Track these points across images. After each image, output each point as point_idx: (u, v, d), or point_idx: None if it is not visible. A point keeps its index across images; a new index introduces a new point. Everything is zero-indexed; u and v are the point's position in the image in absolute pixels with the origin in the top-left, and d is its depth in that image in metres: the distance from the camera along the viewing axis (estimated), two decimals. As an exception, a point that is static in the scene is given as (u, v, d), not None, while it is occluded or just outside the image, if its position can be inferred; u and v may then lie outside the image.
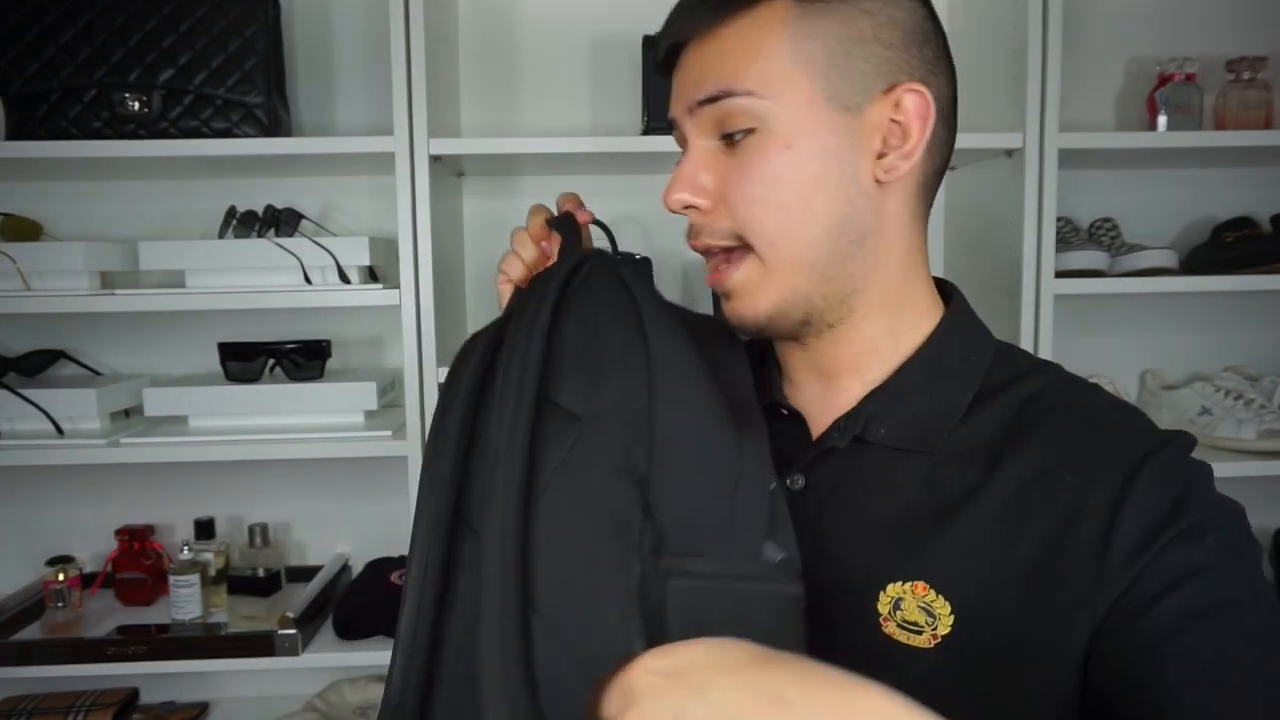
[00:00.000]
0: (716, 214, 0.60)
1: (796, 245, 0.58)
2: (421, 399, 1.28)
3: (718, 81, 0.58)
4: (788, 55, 0.57)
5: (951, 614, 0.56)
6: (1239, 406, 1.44)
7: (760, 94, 0.57)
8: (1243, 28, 1.55)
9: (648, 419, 0.53)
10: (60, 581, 1.37)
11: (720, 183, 0.60)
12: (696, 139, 0.61)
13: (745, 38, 0.58)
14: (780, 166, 0.57)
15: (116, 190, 1.50)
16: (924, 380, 0.62)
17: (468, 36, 1.51)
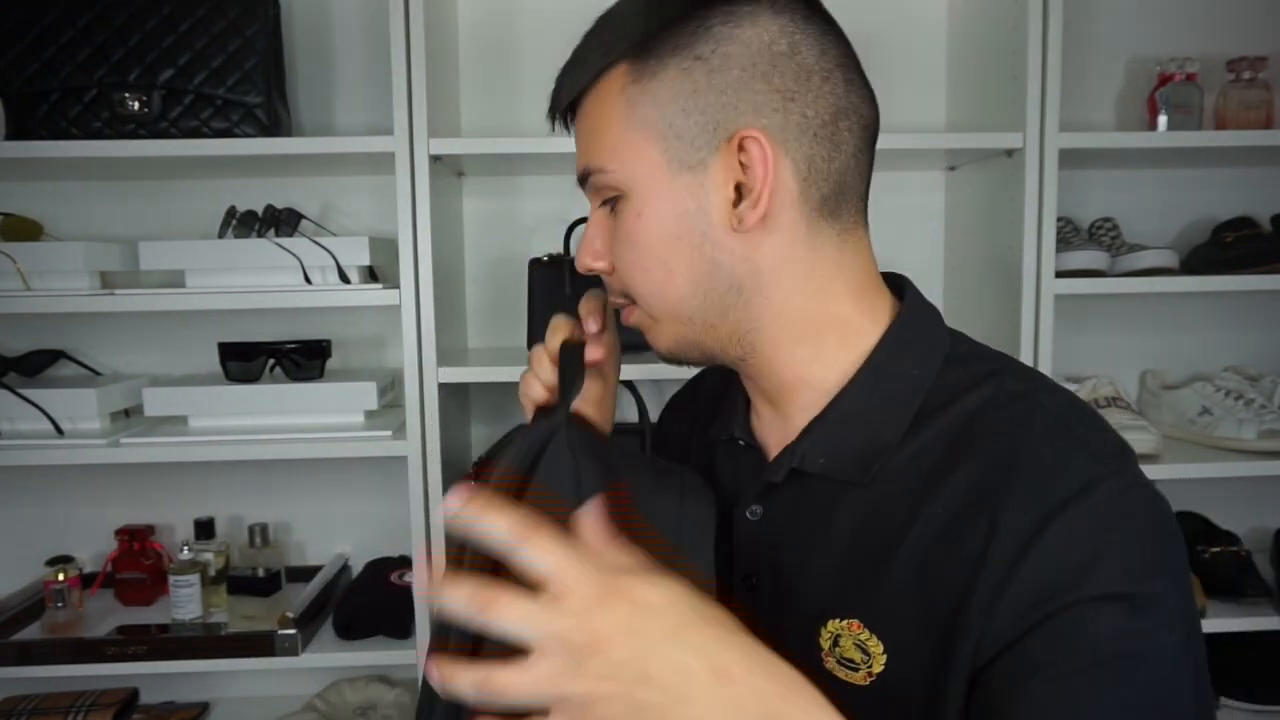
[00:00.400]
0: (614, 275, 0.63)
1: (668, 302, 0.60)
2: (421, 399, 1.28)
3: (583, 160, 0.61)
4: (627, 124, 0.58)
5: (884, 653, 0.56)
6: (1239, 406, 1.44)
7: (609, 168, 0.59)
8: (1243, 28, 1.55)
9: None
10: (60, 581, 1.37)
11: (609, 248, 0.63)
12: (592, 207, 0.63)
13: (596, 111, 0.60)
14: (636, 233, 0.59)
15: (116, 190, 1.50)
16: (863, 405, 0.60)
17: (468, 36, 1.51)
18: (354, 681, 1.50)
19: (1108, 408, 1.44)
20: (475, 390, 1.56)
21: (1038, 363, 1.30)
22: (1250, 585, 1.42)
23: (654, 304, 0.61)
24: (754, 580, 0.64)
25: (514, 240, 1.54)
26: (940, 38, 1.55)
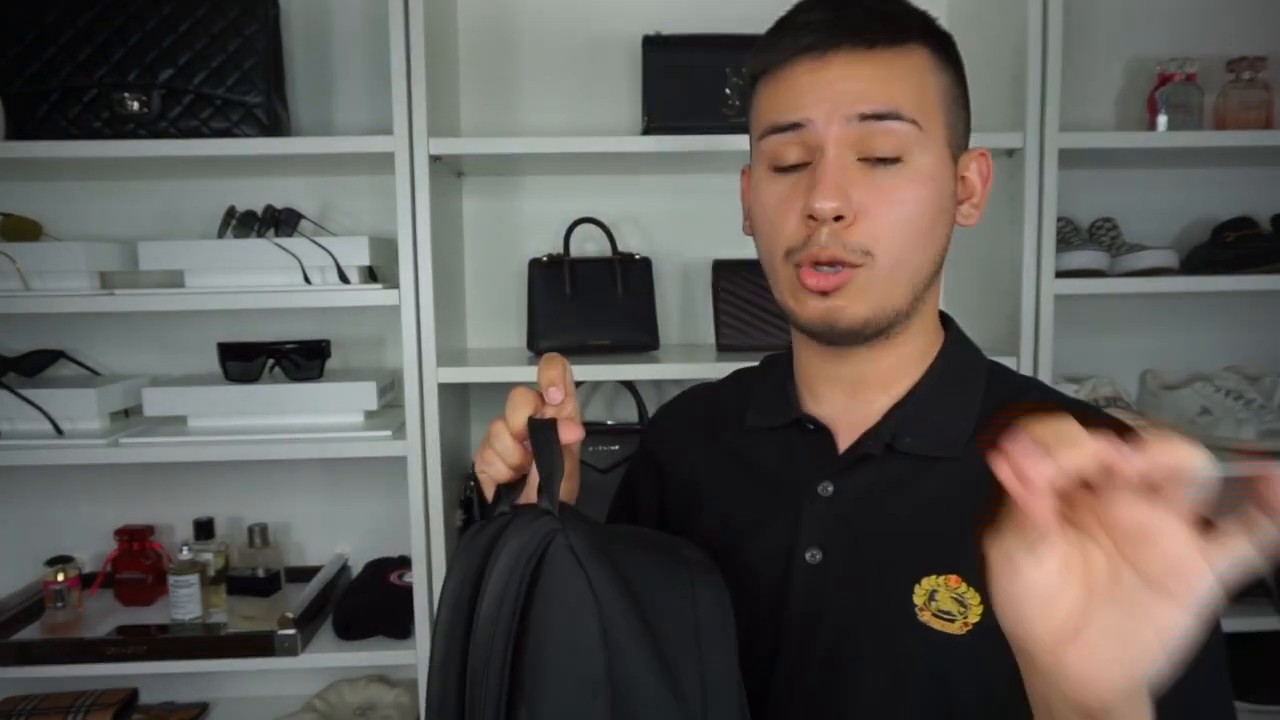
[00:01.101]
0: (854, 228, 0.63)
1: (910, 266, 0.65)
2: (421, 399, 1.28)
3: (887, 101, 0.62)
4: (935, 96, 0.64)
5: (981, 603, 0.62)
6: (1239, 406, 1.44)
7: (921, 125, 0.63)
8: (1243, 28, 1.55)
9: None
10: (60, 581, 1.37)
11: (858, 197, 0.63)
12: (840, 151, 0.63)
13: (906, 68, 0.63)
14: (922, 198, 0.64)
15: (116, 190, 1.50)
16: (938, 396, 0.69)
17: (468, 36, 1.51)
18: (354, 681, 1.50)
19: (1107, 408, 1.44)
20: (475, 390, 1.56)
21: (1038, 363, 1.31)
22: (1250, 585, 1.42)
23: (898, 267, 0.64)
24: (819, 554, 0.68)
25: (514, 240, 1.54)
26: (940, 38, 1.55)
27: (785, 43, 0.65)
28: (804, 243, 0.64)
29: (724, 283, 1.43)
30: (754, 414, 0.77)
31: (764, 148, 0.67)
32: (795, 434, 0.73)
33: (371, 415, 1.37)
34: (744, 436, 0.77)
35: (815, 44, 0.63)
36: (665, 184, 1.54)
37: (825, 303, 0.65)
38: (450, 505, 1.35)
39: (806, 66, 0.64)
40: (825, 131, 0.63)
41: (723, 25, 1.46)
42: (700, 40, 1.38)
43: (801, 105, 0.63)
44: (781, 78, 0.65)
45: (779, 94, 0.65)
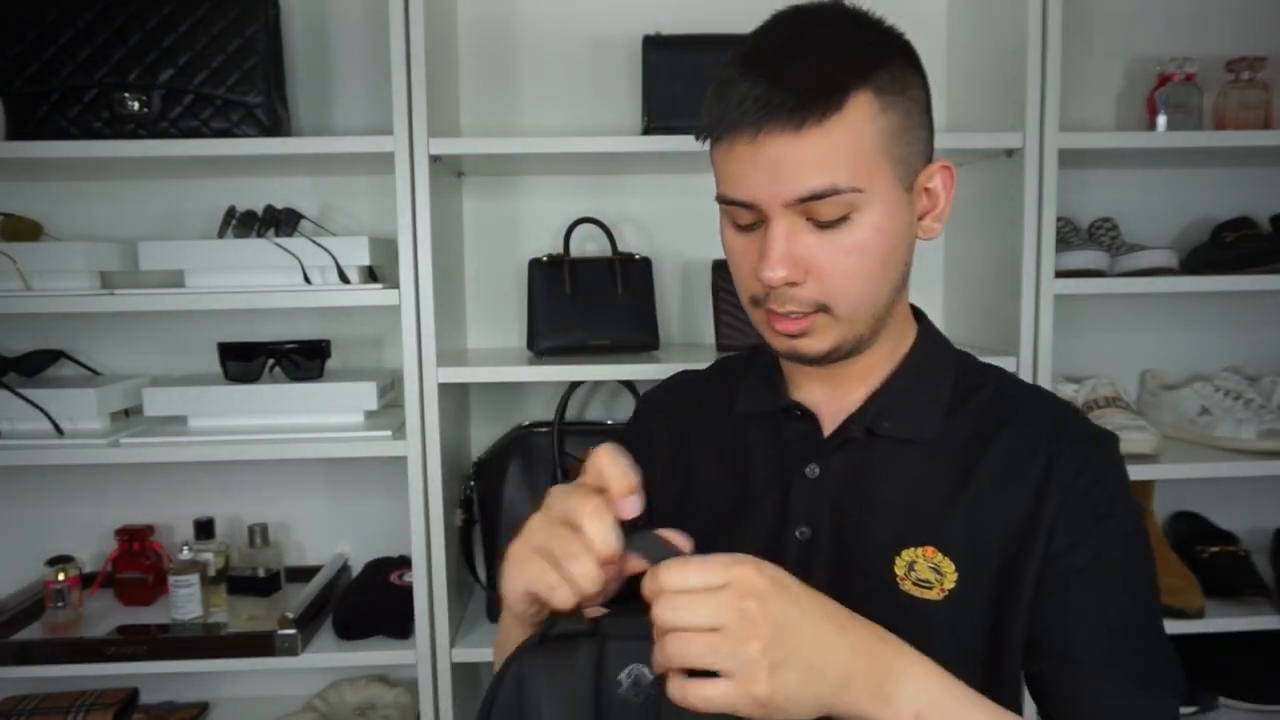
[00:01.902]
0: (805, 287, 0.68)
1: (868, 305, 0.70)
2: (421, 399, 1.28)
3: (824, 179, 0.65)
4: (874, 148, 0.66)
5: (955, 571, 0.71)
6: (1239, 406, 1.44)
7: (860, 187, 0.65)
8: (1243, 28, 1.55)
9: None
10: (60, 581, 1.37)
11: (807, 258, 0.67)
12: (784, 219, 0.67)
13: (843, 135, 0.64)
14: (870, 246, 0.67)
15: (116, 190, 1.50)
16: (913, 384, 0.77)
17: (468, 36, 1.51)
18: (354, 681, 1.50)
19: (1107, 408, 1.44)
20: (475, 390, 1.56)
21: (1037, 363, 1.30)
22: (1249, 585, 1.42)
23: (858, 308, 0.70)
24: (808, 531, 0.75)
25: (514, 240, 1.54)
26: (940, 38, 1.55)
27: (728, 116, 0.66)
28: (763, 296, 0.70)
29: (724, 283, 1.43)
30: (744, 401, 0.83)
31: (722, 207, 0.71)
32: (783, 420, 0.79)
33: (371, 415, 1.37)
34: (734, 422, 0.83)
35: (749, 123, 0.65)
36: (665, 184, 1.54)
37: (792, 342, 0.71)
38: (450, 505, 1.35)
39: (743, 145, 0.66)
40: (772, 209, 0.66)
41: (723, 25, 1.46)
42: (700, 40, 1.38)
43: (745, 185, 0.67)
44: (726, 151, 0.68)
45: (727, 165, 0.68)
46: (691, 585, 0.53)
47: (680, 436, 0.86)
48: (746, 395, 0.83)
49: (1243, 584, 1.42)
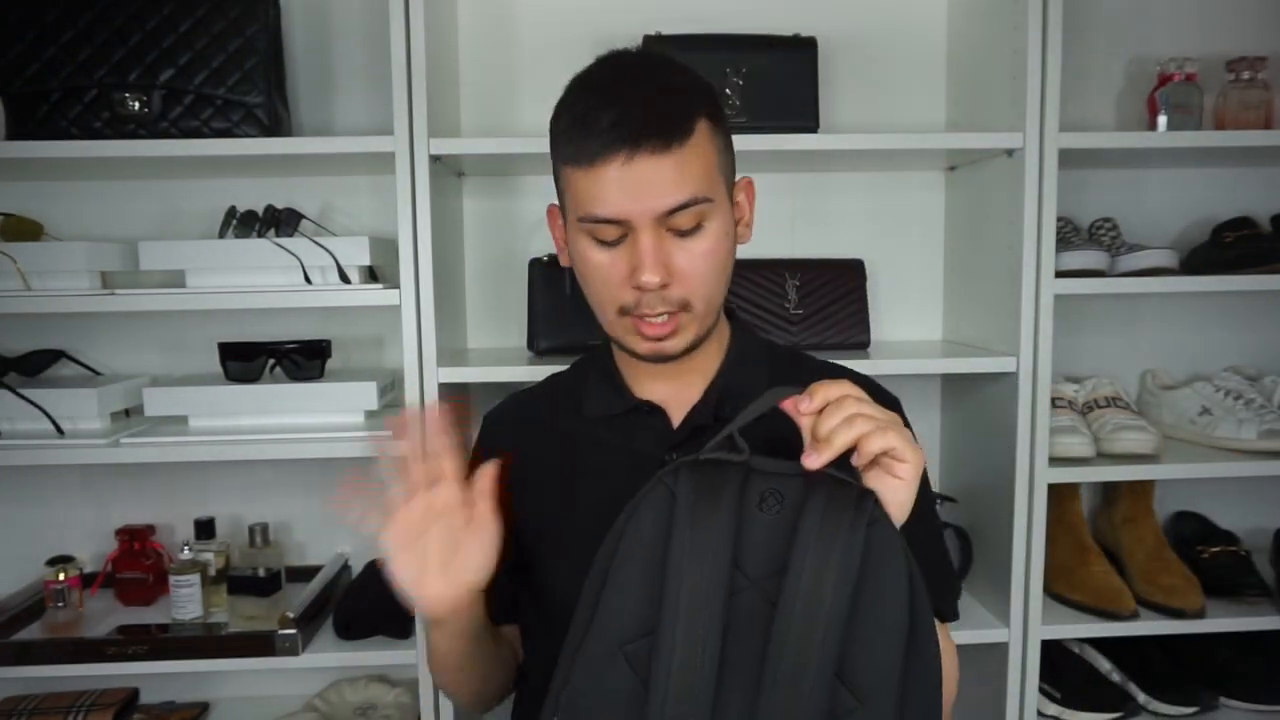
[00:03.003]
0: (672, 289, 0.79)
1: (717, 300, 0.83)
2: (422, 399, 1.28)
3: (685, 193, 0.77)
4: (715, 165, 0.80)
5: None
6: (1239, 406, 1.44)
7: (710, 198, 0.79)
8: (1243, 28, 1.55)
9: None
10: (60, 581, 1.37)
11: (672, 263, 0.78)
12: (652, 231, 0.77)
13: (696, 154, 0.77)
14: (718, 249, 0.80)
15: (116, 190, 1.50)
16: (741, 371, 0.89)
17: (468, 37, 1.51)
18: (354, 681, 1.50)
19: (1107, 408, 1.44)
20: (475, 390, 1.56)
21: (1037, 363, 1.30)
22: (1250, 585, 1.42)
23: (710, 304, 0.82)
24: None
25: (514, 240, 1.55)
26: (940, 38, 1.55)
27: (593, 144, 0.75)
28: (635, 304, 0.80)
29: (724, 283, 1.43)
30: (591, 405, 0.91)
31: (584, 228, 0.80)
32: (633, 417, 0.89)
33: (371, 415, 1.37)
34: (584, 426, 0.91)
35: (621, 146, 0.75)
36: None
37: (658, 344, 0.81)
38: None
39: (615, 169, 0.75)
40: (640, 222, 0.77)
41: (723, 25, 1.46)
42: (700, 40, 1.38)
43: (617, 203, 0.76)
44: (594, 176, 0.77)
45: (595, 188, 0.77)
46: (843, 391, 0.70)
47: (529, 456, 0.91)
48: (592, 399, 0.91)
49: (1243, 584, 1.42)
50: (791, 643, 0.62)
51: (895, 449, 0.67)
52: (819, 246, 1.56)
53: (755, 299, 1.44)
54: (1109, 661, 1.50)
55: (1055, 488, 1.36)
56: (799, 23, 1.44)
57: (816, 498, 0.65)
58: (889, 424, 0.68)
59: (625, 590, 0.67)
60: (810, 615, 0.62)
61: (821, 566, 0.62)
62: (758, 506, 0.67)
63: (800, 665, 0.61)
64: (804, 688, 0.61)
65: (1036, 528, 1.32)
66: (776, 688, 0.62)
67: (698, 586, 0.63)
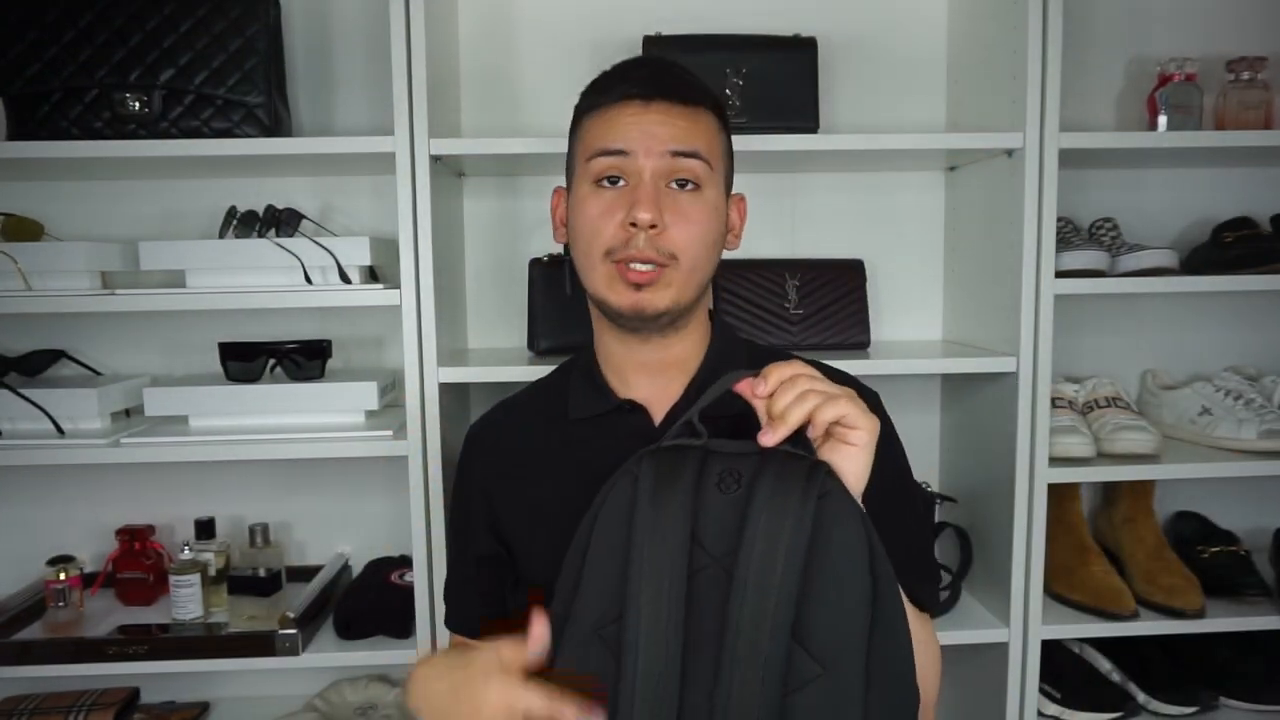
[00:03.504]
0: (664, 236, 0.83)
1: (701, 271, 0.86)
2: (422, 399, 1.28)
3: (697, 144, 0.84)
4: (719, 149, 0.88)
5: None
6: (1239, 406, 1.44)
7: (711, 165, 0.85)
8: (1243, 28, 1.55)
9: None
10: (61, 581, 1.37)
11: (670, 207, 0.83)
12: (654, 177, 0.83)
13: (705, 127, 0.86)
14: (709, 218, 0.85)
15: (116, 190, 1.50)
16: (721, 369, 0.86)
17: (468, 37, 1.51)
18: (354, 681, 1.50)
19: (1108, 408, 1.44)
20: (475, 390, 1.56)
21: (1037, 363, 1.30)
22: (1250, 585, 1.42)
23: (694, 268, 0.85)
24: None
25: (514, 240, 1.55)
26: (940, 38, 1.55)
27: (617, 89, 0.85)
28: (624, 244, 0.83)
29: (723, 282, 1.43)
30: (576, 408, 0.94)
31: (591, 166, 0.85)
32: (616, 417, 0.91)
33: (372, 415, 1.37)
34: (570, 428, 0.93)
35: (641, 94, 0.84)
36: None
37: (637, 294, 0.83)
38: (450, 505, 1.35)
39: (632, 110, 0.84)
40: (644, 161, 0.83)
41: (723, 25, 1.46)
42: (700, 40, 1.38)
43: (628, 137, 0.83)
44: (611, 116, 0.85)
45: (609, 127, 0.84)
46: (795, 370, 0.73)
47: (518, 468, 0.94)
48: (577, 402, 0.94)
49: (1243, 584, 1.43)
50: (748, 613, 0.64)
51: (846, 416, 0.70)
52: (819, 246, 1.56)
53: (755, 299, 1.44)
54: (1109, 661, 1.50)
55: (1055, 488, 1.36)
56: (799, 23, 1.44)
57: (768, 473, 0.68)
58: (840, 395, 0.71)
59: (597, 575, 0.70)
60: (763, 585, 0.64)
61: (773, 536, 0.65)
62: (717, 486, 0.69)
63: (756, 634, 0.64)
64: (760, 658, 0.64)
65: (1036, 528, 1.32)
66: (737, 660, 0.64)
67: (658, 564, 0.66)
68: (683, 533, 0.67)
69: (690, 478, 0.69)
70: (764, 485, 0.67)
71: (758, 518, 0.66)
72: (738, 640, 0.64)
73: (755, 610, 0.64)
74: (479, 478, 0.97)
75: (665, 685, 0.65)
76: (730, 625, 0.65)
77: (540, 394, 1.01)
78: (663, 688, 0.65)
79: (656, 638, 0.66)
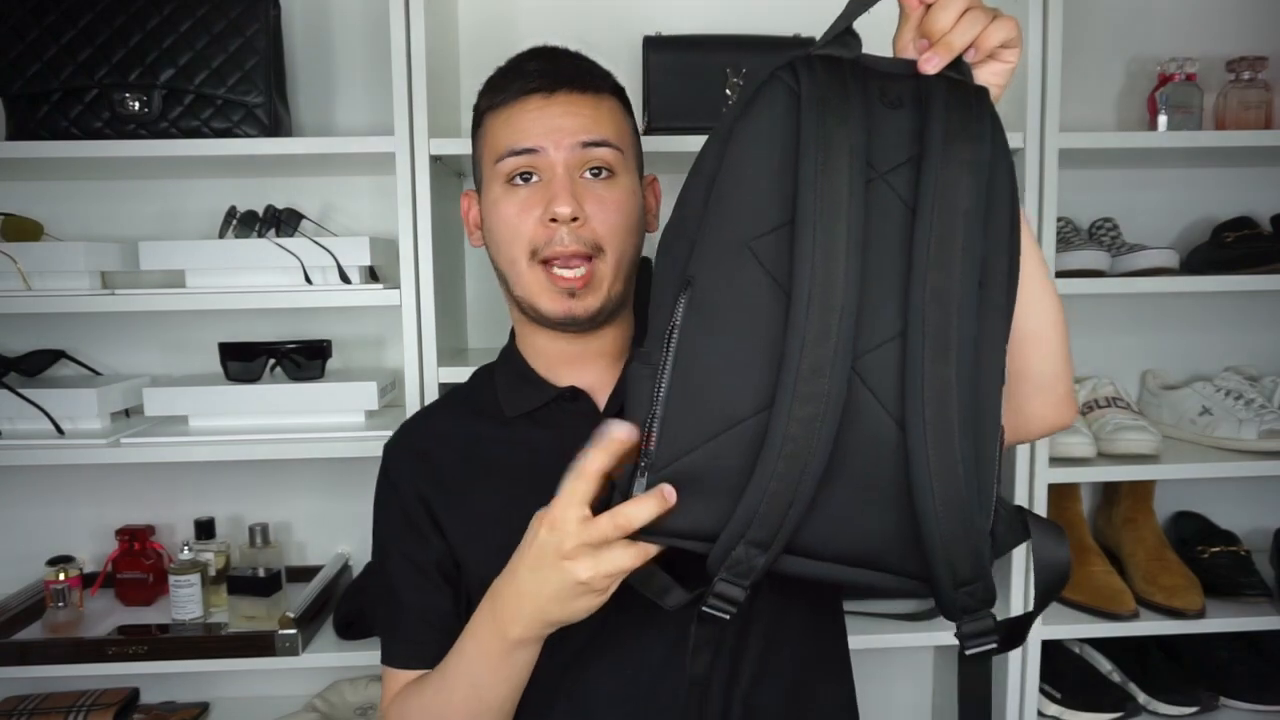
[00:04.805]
0: (586, 227, 0.81)
1: (627, 260, 0.85)
2: (422, 399, 1.28)
3: (599, 132, 0.82)
4: (626, 132, 0.87)
5: None
6: (1239, 406, 1.44)
7: (622, 151, 0.84)
8: (1243, 28, 1.55)
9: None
10: (61, 581, 1.37)
11: (587, 198, 0.82)
12: (568, 169, 0.81)
13: (610, 112, 0.85)
14: (627, 204, 0.84)
15: (116, 190, 1.50)
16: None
17: (468, 37, 1.51)
18: (354, 681, 1.50)
19: (1108, 408, 1.44)
20: (475, 390, 1.56)
21: (1038, 363, 1.30)
22: (1250, 585, 1.42)
23: (621, 258, 0.84)
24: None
25: (514, 240, 1.54)
26: (940, 38, 1.54)
27: (516, 85, 0.83)
28: (547, 242, 0.81)
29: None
30: (512, 405, 0.89)
31: (501, 167, 0.83)
32: (556, 407, 0.88)
33: (372, 415, 1.37)
34: (507, 429, 0.89)
35: (542, 87, 0.82)
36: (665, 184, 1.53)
37: (569, 302, 0.82)
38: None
39: (535, 104, 0.82)
40: (555, 155, 0.81)
41: (723, 25, 1.46)
42: (700, 40, 1.38)
43: (535, 134, 0.81)
44: (514, 113, 0.83)
45: (513, 126, 0.82)
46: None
47: (444, 467, 0.88)
48: (510, 399, 0.90)
49: (1243, 584, 1.43)
50: (935, 250, 0.58)
51: (1011, 39, 0.66)
52: (819, 246, 1.56)
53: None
54: (1109, 661, 1.50)
55: (1055, 488, 1.37)
56: (799, 23, 1.44)
57: (936, 98, 0.62)
58: (998, 12, 0.65)
59: (743, 192, 0.61)
60: (949, 221, 0.58)
61: (955, 168, 0.59)
62: (880, 101, 0.62)
63: (946, 271, 0.58)
64: (954, 296, 0.58)
65: (1037, 528, 1.32)
66: (926, 293, 0.58)
67: (835, 180, 0.58)
68: (861, 146, 0.59)
69: (858, 90, 0.61)
70: (938, 112, 0.61)
71: (934, 146, 0.59)
72: (926, 277, 0.58)
73: (943, 246, 0.58)
74: (410, 489, 0.88)
75: (845, 307, 0.57)
76: (917, 260, 0.58)
77: (461, 400, 0.95)
78: (844, 314, 0.57)
79: (834, 261, 0.57)
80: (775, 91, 0.62)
